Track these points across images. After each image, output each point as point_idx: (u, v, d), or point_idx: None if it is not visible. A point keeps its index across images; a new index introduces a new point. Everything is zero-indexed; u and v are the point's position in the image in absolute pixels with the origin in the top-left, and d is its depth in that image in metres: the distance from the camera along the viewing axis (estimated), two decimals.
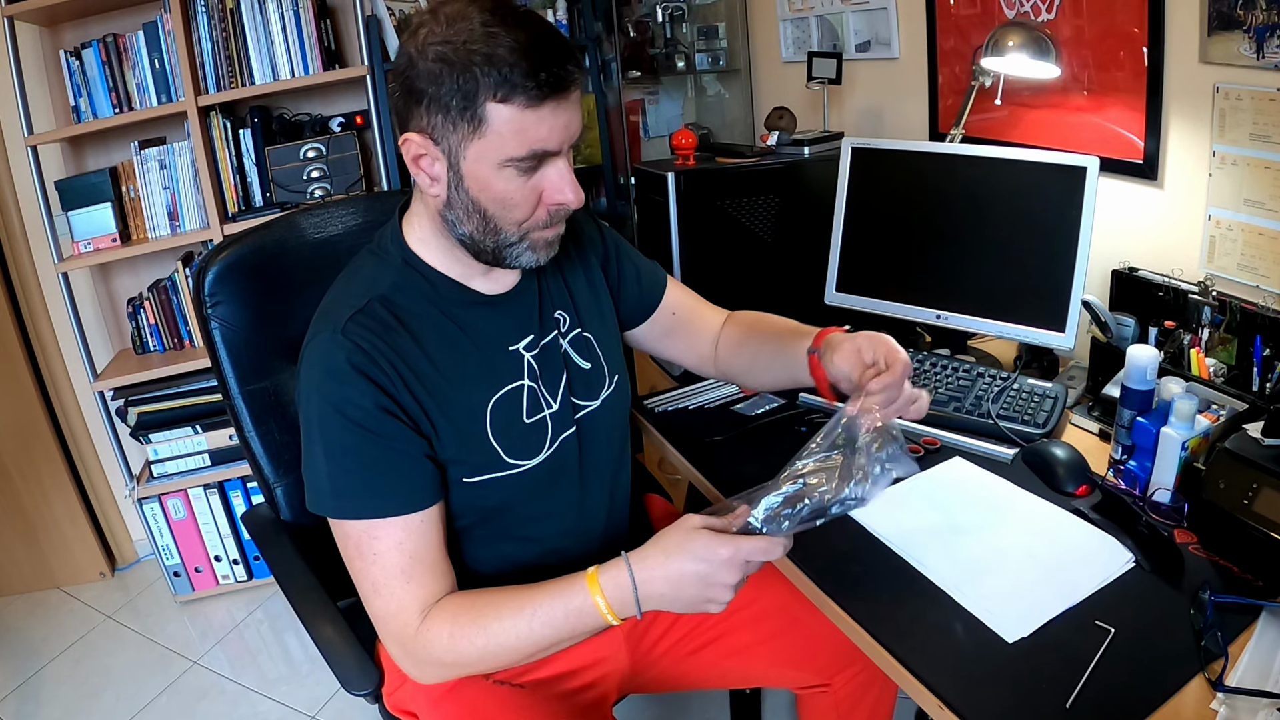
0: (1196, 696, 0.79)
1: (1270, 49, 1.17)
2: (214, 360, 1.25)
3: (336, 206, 1.34)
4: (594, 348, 1.11)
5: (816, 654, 1.18)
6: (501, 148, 0.85)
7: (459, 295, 0.98)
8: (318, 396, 0.89)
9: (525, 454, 1.00)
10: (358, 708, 1.95)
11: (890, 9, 1.93)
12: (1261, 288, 1.26)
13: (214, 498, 2.37)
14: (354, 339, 0.89)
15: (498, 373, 0.99)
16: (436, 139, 0.86)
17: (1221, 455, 1.01)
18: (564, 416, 1.04)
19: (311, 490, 0.93)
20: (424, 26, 0.84)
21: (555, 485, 1.04)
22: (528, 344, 1.02)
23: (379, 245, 1.01)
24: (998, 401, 1.30)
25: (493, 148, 0.85)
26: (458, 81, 0.82)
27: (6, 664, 2.23)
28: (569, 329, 1.08)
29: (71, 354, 2.39)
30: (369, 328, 0.91)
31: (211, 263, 1.22)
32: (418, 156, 0.88)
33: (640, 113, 2.83)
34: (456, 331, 0.97)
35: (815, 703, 1.24)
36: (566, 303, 1.09)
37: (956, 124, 1.65)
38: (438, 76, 0.82)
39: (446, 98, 0.83)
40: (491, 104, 0.82)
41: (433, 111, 0.84)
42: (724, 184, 1.74)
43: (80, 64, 2.16)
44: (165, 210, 2.28)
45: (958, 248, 1.48)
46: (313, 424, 0.91)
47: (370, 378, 0.89)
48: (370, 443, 0.89)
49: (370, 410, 0.88)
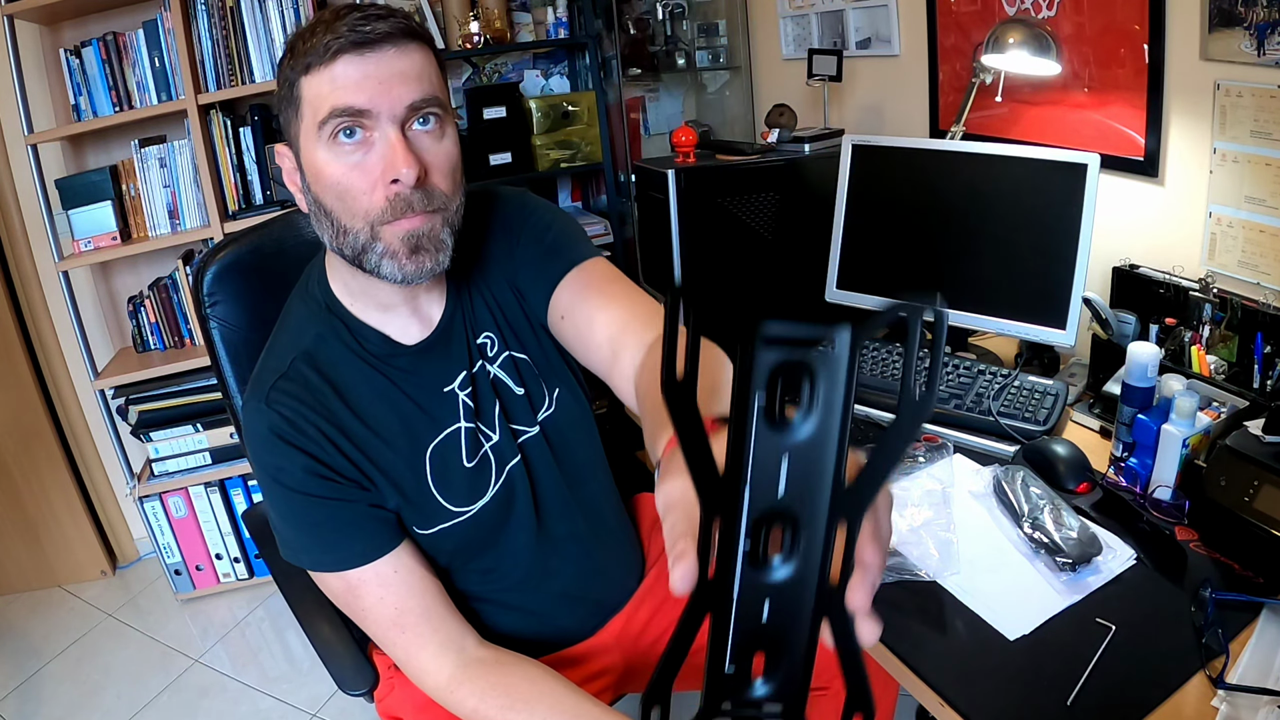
0: (1197, 694, 0.79)
1: (1271, 46, 1.17)
2: (213, 359, 1.25)
3: None
4: (526, 367, 1.02)
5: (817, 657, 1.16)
6: (314, 120, 0.80)
7: (380, 348, 0.93)
8: (257, 465, 0.89)
9: (469, 499, 0.95)
10: (359, 706, 1.95)
11: (891, 6, 1.93)
12: (1262, 285, 1.26)
13: (215, 496, 2.37)
14: (277, 409, 0.86)
15: (433, 418, 0.94)
16: (289, 142, 0.86)
17: (1222, 452, 1.01)
18: (505, 447, 0.98)
19: (282, 547, 0.92)
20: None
21: (509, 522, 0.99)
22: (461, 382, 0.96)
23: (305, 288, 0.96)
24: (998, 399, 1.30)
25: (308, 123, 0.81)
26: (286, 75, 0.83)
27: (8, 662, 2.23)
28: (497, 353, 0.99)
29: (72, 353, 2.39)
30: (292, 394, 0.88)
31: (210, 262, 1.22)
32: (289, 171, 0.87)
33: (640, 110, 2.83)
34: (385, 383, 0.93)
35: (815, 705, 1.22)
36: (490, 322, 1.00)
37: (957, 121, 1.65)
38: (280, 80, 0.84)
39: (282, 92, 0.84)
40: (303, 79, 0.81)
41: (283, 114, 0.85)
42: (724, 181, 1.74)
43: (80, 62, 2.16)
44: (165, 208, 2.28)
45: (958, 245, 1.48)
46: (262, 487, 0.90)
47: (297, 446, 0.86)
48: (312, 506, 0.87)
49: (304, 477, 0.86)
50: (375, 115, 0.80)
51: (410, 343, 0.94)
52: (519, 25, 2.56)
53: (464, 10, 2.37)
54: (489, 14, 2.39)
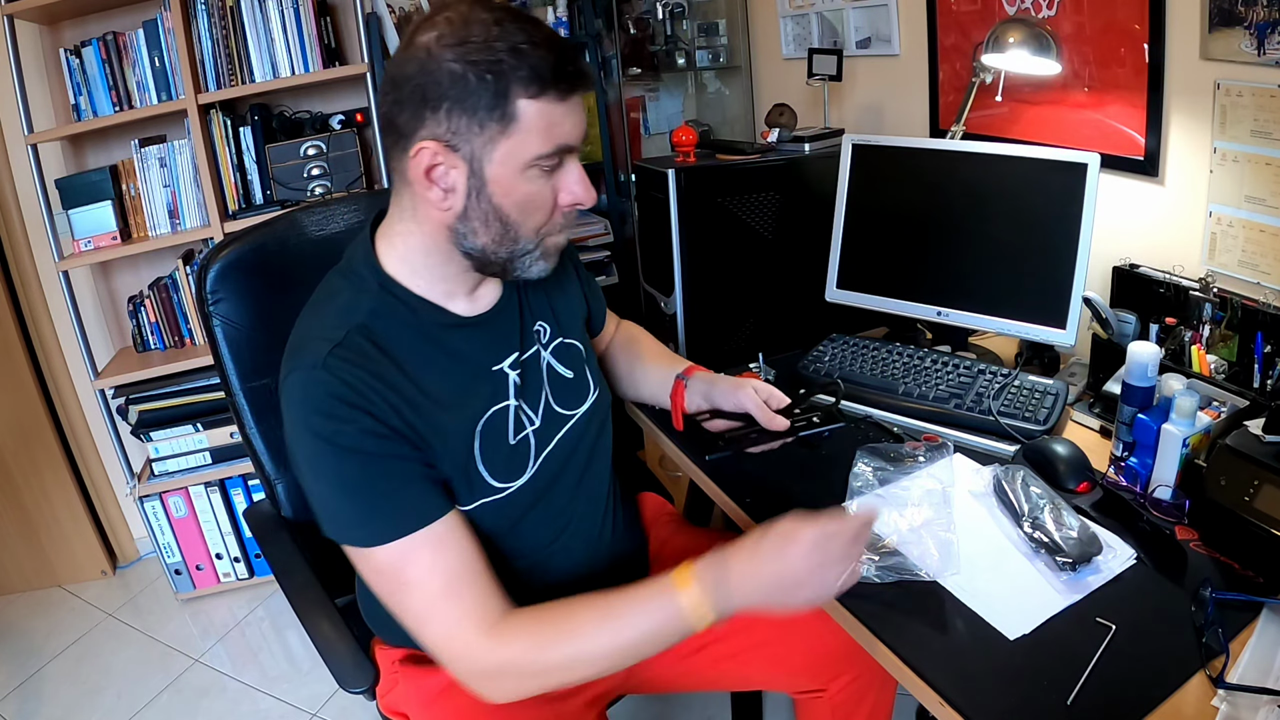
0: (1197, 694, 0.79)
1: (1271, 45, 1.17)
2: (216, 357, 1.26)
3: (337, 204, 1.34)
4: (578, 355, 1.09)
5: (813, 659, 1.17)
6: (528, 146, 0.83)
7: (439, 318, 0.95)
8: (308, 434, 0.86)
9: (509, 476, 0.98)
10: (359, 705, 1.95)
11: (891, 5, 1.93)
12: (1262, 284, 1.26)
13: (215, 495, 2.37)
14: (336, 374, 0.86)
15: (483, 395, 0.97)
16: (455, 145, 0.83)
17: (1222, 452, 1.01)
18: (546, 432, 1.02)
19: (329, 524, 0.89)
20: (430, 30, 0.82)
21: (541, 503, 1.02)
22: (511, 362, 1.00)
23: (350, 268, 0.96)
24: (998, 398, 1.30)
25: (521, 147, 0.83)
26: (486, 80, 0.80)
27: (8, 662, 2.23)
28: (550, 339, 1.06)
29: (72, 352, 2.39)
30: (351, 360, 0.87)
31: (213, 260, 1.22)
32: (430, 168, 0.85)
33: (640, 110, 2.83)
34: (440, 355, 0.94)
35: (812, 707, 1.23)
36: (547, 313, 1.07)
37: (957, 121, 1.65)
38: (461, 77, 0.80)
39: (473, 98, 0.81)
40: (523, 100, 0.81)
41: (454, 115, 0.81)
42: (724, 181, 1.74)
43: (80, 62, 2.16)
44: (166, 208, 2.28)
45: (958, 244, 1.48)
46: (309, 461, 0.87)
47: (358, 407, 0.85)
48: (370, 465, 0.86)
49: (362, 437, 0.85)
50: (578, 148, 0.89)
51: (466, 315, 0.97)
52: None
53: None
54: None
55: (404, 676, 1.07)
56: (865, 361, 1.45)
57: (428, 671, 1.04)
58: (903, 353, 1.45)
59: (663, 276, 1.82)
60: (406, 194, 0.90)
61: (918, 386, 1.36)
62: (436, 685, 1.02)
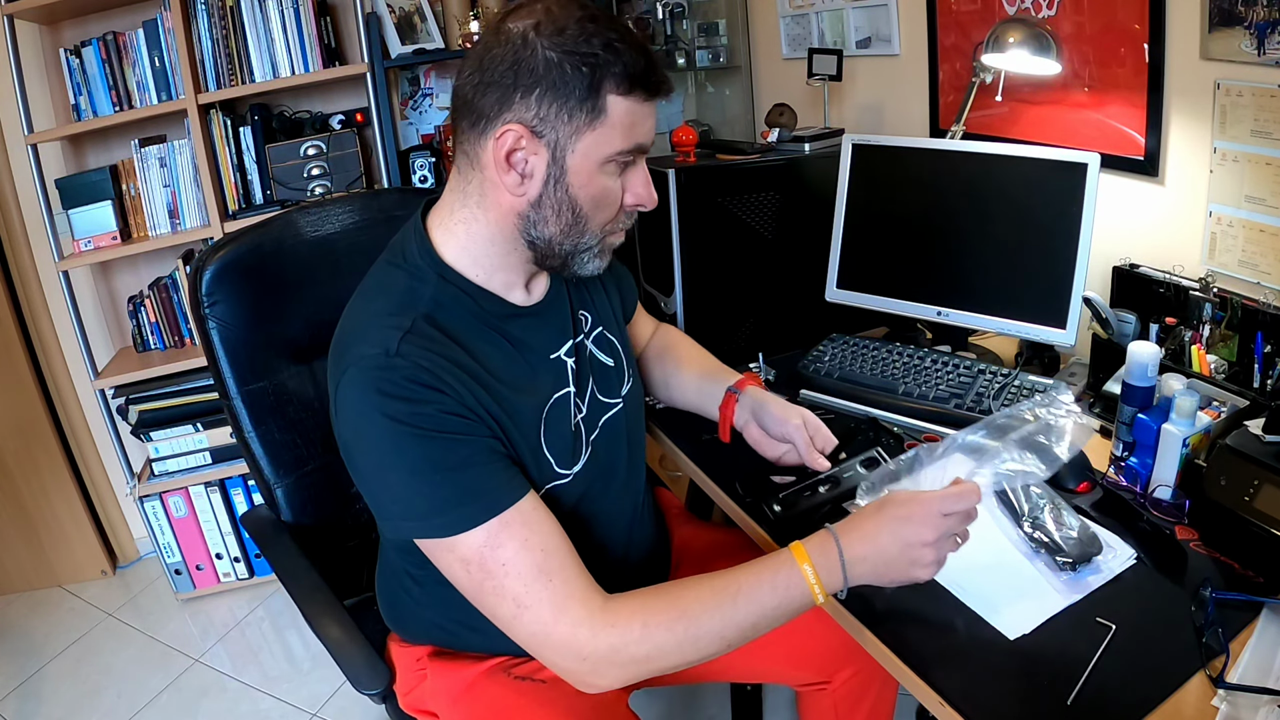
0: (1197, 693, 0.79)
1: (1271, 45, 1.17)
2: (211, 361, 1.25)
3: (333, 205, 1.34)
4: (615, 344, 1.10)
5: (816, 651, 1.18)
6: (612, 141, 0.85)
7: (499, 308, 0.95)
8: (385, 421, 0.82)
9: (570, 462, 0.98)
10: (359, 705, 1.95)
11: (891, 5, 1.93)
12: (1262, 284, 1.26)
13: (215, 495, 2.37)
14: (411, 358, 0.84)
15: (547, 382, 0.97)
16: (541, 131, 0.84)
17: (1222, 452, 1.01)
18: (591, 419, 1.03)
19: (408, 519, 0.85)
20: (524, 18, 0.83)
21: (591, 492, 1.02)
22: (568, 350, 1.01)
23: (403, 258, 0.94)
24: (999, 398, 1.30)
25: (604, 140, 0.85)
26: (582, 71, 0.82)
27: (8, 662, 2.23)
28: (591, 328, 1.07)
29: (72, 352, 2.39)
30: (423, 345, 0.85)
31: (208, 262, 1.22)
32: (512, 151, 0.85)
33: None
34: (504, 343, 0.94)
35: (815, 700, 1.25)
36: (588, 303, 1.08)
37: (957, 120, 1.65)
38: (558, 64, 0.82)
39: (567, 87, 0.82)
40: (614, 96, 0.83)
41: (545, 101, 0.82)
42: (724, 181, 1.74)
43: (80, 62, 2.16)
44: (166, 208, 2.28)
45: (958, 244, 1.48)
46: (384, 451, 0.84)
47: (436, 388, 0.83)
48: (453, 446, 0.84)
49: (443, 418, 0.83)
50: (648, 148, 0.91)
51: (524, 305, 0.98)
52: None
53: (464, 10, 2.37)
54: (489, 13, 2.39)
55: (432, 672, 1.06)
56: (865, 361, 1.45)
57: (456, 666, 1.04)
58: (903, 353, 1.45)
59: (663, 276, 1.82)
60: (475, 179, 0.90)
61: (918, 386, 1.36)
62: (465, 679, 1.03)
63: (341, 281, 1.33)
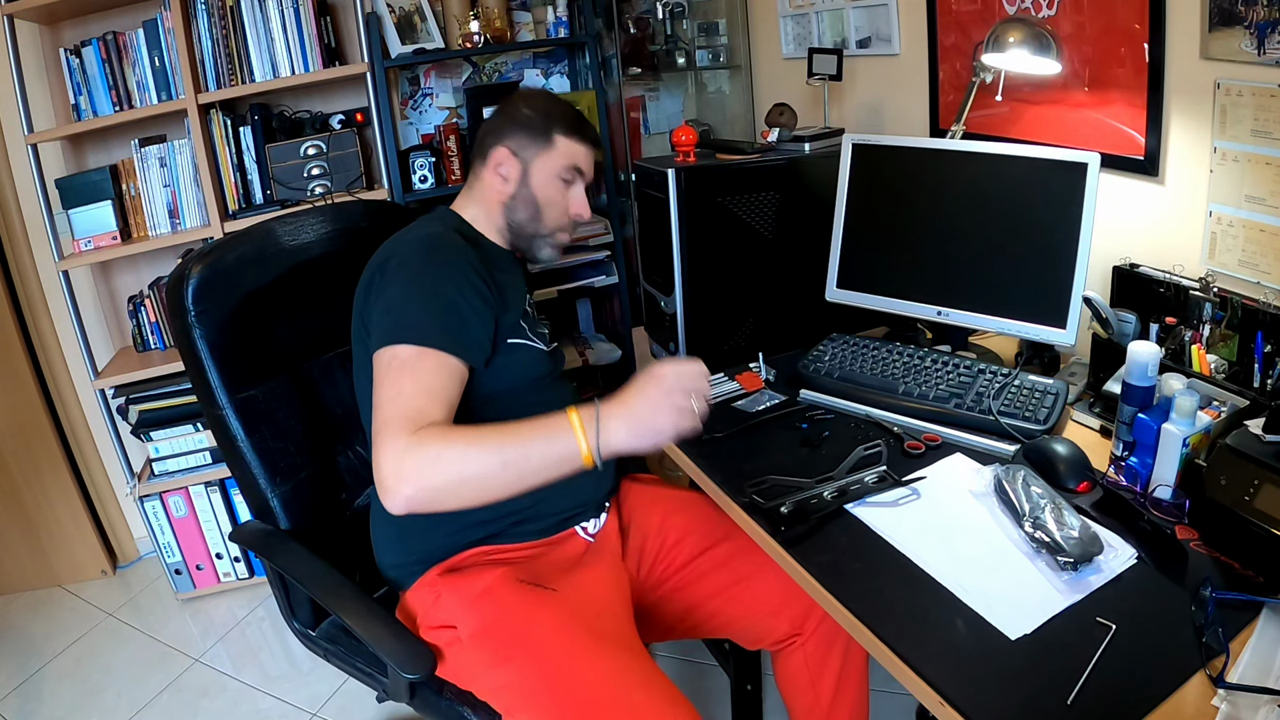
0: (1198, 693, 0.79)
1: (1271, 45, 1.17)
2: (197, 371, 1.25)
3: (306, 215, 1.42)
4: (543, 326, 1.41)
5: (788, 597, 1.30)
6: (557, 161, 1.32)
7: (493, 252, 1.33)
8: (426, 264, 1.17)
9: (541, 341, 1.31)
10: (359, 705, 1.95)
11: (891, 5, 1.93)
12: (1262, 284, 1.26)
13: (215, 495, 2.37)
14: (449, 239, 1.21)
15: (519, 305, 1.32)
16: (516, 152, 1.31)
17: (1223, 451, 1.01)
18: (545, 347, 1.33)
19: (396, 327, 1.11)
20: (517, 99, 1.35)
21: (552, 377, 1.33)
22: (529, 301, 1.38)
23: (433, 217, 1.34)
24: (999, 398, 1.30)
25: (553, 161, 1.32)
26: (543, 121, 1.32)
27: (8, 662, 2.23)
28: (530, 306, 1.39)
29: (72, 352, 2.39)
30: (454, 242, 1.21)
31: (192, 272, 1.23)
32: (500, 163, 1.31)
33: (640, 109, 2.83)
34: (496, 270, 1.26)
35: (789, 661, 1.34)
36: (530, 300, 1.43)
37: (957, 120, 1.65)
38: (529, 116, 1.32)
39: (534, 127, 1.31)
40: (559, 135, 1.32)
41: (521, 135, 1.31)
42: (724, 181, 1.74)
43: (80, 62, 2.16)
44: (166, 208, 2.28)
45: (958, 244, 1.48)
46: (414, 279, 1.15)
47: (467, 260, 1.18)
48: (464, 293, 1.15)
49: (470, 269, 1.17)
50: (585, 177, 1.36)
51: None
52: (519, 24, 2.56)
53: (464, 9, 2.37)
54: (489, 13, 2.39)
55: (445, 588, 1.19)
56: (865, 361, 1.45)
57: (467, 578, 1.19)
58: (903, 352, 1.45)
59: (663, 276, 1.82)
60: (478, 185, 1.35)
61: (918, 386, 1.36)
62: (477, 587, 1.16)
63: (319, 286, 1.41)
